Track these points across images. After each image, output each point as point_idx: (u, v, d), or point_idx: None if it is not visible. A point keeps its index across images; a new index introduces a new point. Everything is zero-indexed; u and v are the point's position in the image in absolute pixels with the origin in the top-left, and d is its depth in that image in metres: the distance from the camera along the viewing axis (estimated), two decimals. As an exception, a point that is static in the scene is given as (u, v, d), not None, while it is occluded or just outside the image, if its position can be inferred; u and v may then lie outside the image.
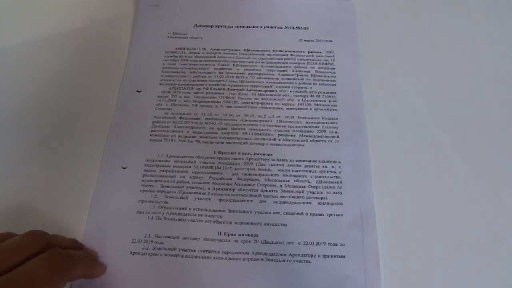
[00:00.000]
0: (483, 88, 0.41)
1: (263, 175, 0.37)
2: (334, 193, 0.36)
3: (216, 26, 0.44)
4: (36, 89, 0.41)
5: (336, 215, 0.35)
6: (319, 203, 0.35)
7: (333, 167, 0.37)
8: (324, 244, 0.34)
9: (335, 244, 0.34)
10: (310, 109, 0.39)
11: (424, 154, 0.38)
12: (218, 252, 0.34)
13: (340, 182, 0.36)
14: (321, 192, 0.36)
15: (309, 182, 0.36)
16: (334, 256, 0.34)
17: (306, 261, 0.34)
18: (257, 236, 0.34)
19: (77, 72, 0.42)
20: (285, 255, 0.34)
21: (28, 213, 0.36)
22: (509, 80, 0.41)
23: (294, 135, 0.38)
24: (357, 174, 0.37)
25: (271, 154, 0.37)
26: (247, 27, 0.44)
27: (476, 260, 0.34)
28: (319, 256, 0.34)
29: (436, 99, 0.40)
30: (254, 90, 0.40)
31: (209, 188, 0.36)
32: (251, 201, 0.36)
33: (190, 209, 0.35)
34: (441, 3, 0.45)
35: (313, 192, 0.36)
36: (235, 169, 0.37)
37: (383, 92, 0.40)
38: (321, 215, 0.35)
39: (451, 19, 0.44)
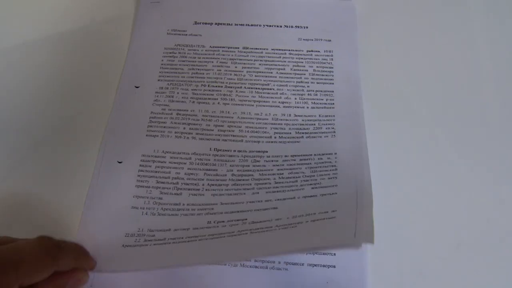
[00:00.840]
0: (483, 88, 0.40)
1: (258, 170, 0.36)
2: (328, 178, 0.35)
3: (215, 23, 0.44)
4: (37, 86, 0.41)
5: (330, 194, 0.34)
6: (312, 188, 0.35)
7: (328, 158, 0.36)
8: (314, 214, 0.32)
9: (326, 212, 0.32)
10: (307, 107, 0.39)
11: (423, 154, 0.37)
12: (205, 235, 0.33)
13: (336, 170, 0.35)
14: (315, 179, 0.35)
15: (303, 173, 0.36)
16: (323, 219, 0.32)
17: (292, 227, 0.32)
18: (246, 219, 0.34)
19: (78, 68, 0.42)
20: (271, 227, 0.32)
21: (24, 205, 0.36)
22: (509, 80, 0.41)
23: (290, 133, 0.38)
24: (353, 164, 0.36)
25: (266, 151, 0.37)
26: (246, 25, 0.44)
27: (476, 260, 0.33)
28: (306, 222, 0.32)
29: (436, 98, 0.40)
30: (251, 88, 0.40)
31: (203, 184, 0.36)
32: (244, 194, 0.35)
33: (183, 204, 0.35)
34: (441, 3, 0.45)
35: (306, 180, 0.35)
36: (230, 165, 0.36)
37: (382, 91, 0.40)
38: (314, 196, 0.34)
39: (451, 19, 0.44)
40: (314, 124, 0.38)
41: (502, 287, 0.33)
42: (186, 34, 0.43)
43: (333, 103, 0.39)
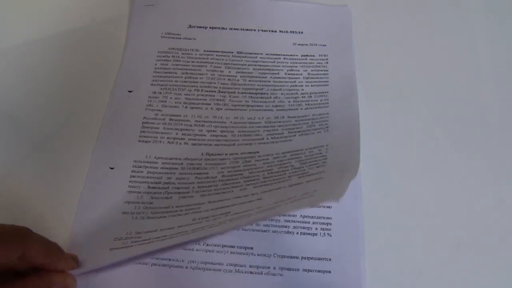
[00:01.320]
0: (483, 89, 0.40)
1: (248, 170, 0.35)
2: (317, 167, 0.34)
3: (210, 27, 0.44)
4: (34, 87, 0.41)
5: (316, 179, 0.33)
6: (299, 177, 0.34)
7: (319, 150, 0.35)
8: (295, 197, 0.31)
9: (307, 192, 0.31)
10: (301, 109, 0.39)
11: (423, 154, 0.37)
12: (187, 231, 0.32)
13: (325, 159, 0.34)
14: (304, 170, 0.34)
15: (292, 165, 0.35)
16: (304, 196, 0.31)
17: (271, 208, 0.31)
18: (229, 212, 0.32)
19: (73, 72, 0.42)
20: (251, 213, 0.31)
21: (15, 211, 0.35)
22: (509, 80, 0.40)
23: (283, 133, 0.37)
24: (344, 151, 0.34)
25: (258, 152, 0.36)
26: (241, 29, 0.44)
27: (476, 260, 0.33)
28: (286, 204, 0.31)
29: (435, 99, 0.40)
30: (245, 93, 0.40)
31: (193, 187, 0.35)
32: (232, 191, 0.34)
33: (173, 207, 0.34)
34: (439, 4, 0.45)
35: (295, 172, 0.34)
36: (221, 168, 0.36)
37: (380, 93, 0.40)
38: (299, 184, 0.33)
39: (450, 20, 0.44)
40: (307, 123, 0.38)
41: (502, 287, 0.32)
42: (180, 38, 0.43)
43: (328, 103, 0.39)
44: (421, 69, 0.42)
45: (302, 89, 0.40)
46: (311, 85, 0.40)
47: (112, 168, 0.36)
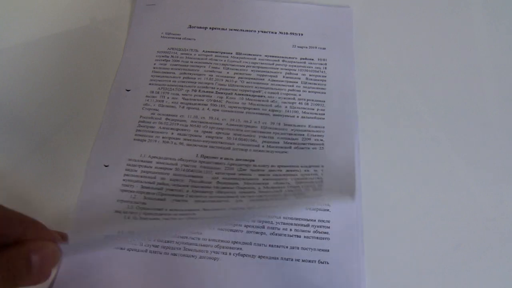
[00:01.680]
0: (483, 90, 0.40)
1: (243, 179, 0.35)
2: (313, 190, 0.34)
3: (210, 28, 0.43)
4: (31, 89, 0.41)
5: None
6: (296, 197, 0.34)
7: (315, 170, 0.35)
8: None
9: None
10: (297, 116, 0.38)
11: (423, 154, 0.37)
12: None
13: (321, 182, 0.34)
14: (300, 189, 0.34)
15: (288, 183, 0.35)
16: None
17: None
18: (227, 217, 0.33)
19: (73, 71, 0.42)
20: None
21: (18, 206, 0.35)
22: (509, 80, 0.40)
23: (278, 142, 0.37)
24: (340, 178, 0.35)
25: (253, 160, 0.36)
26: (241, 30, 0.43)
27: (476, 260, 0.34)
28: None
29: (436, 101, 0.40)
30: (242, 95, 0.39)
31: (187, 191, 0.35)
32: (227, 201, 0.34)
33: (166, 210, 0.34)
34: (440, 10, 0.44)
35: (291, 190, 0.34)
36: (216, 173, 0.36)
37: (377, 101, 0.40)
38: (297, 204, 0.34)
39: (451, 25, 0.44)
40: (303, 135, 0.37)
41: (502, 287, 0.33)
42: (180, 38, 0.43)
43: (324, 114, 0.38)
44: (422, 73, 0.41)
45: (300, 95, 0.39)
46: (309, 91, 0.39)
47: (106, 166, 0.37)
